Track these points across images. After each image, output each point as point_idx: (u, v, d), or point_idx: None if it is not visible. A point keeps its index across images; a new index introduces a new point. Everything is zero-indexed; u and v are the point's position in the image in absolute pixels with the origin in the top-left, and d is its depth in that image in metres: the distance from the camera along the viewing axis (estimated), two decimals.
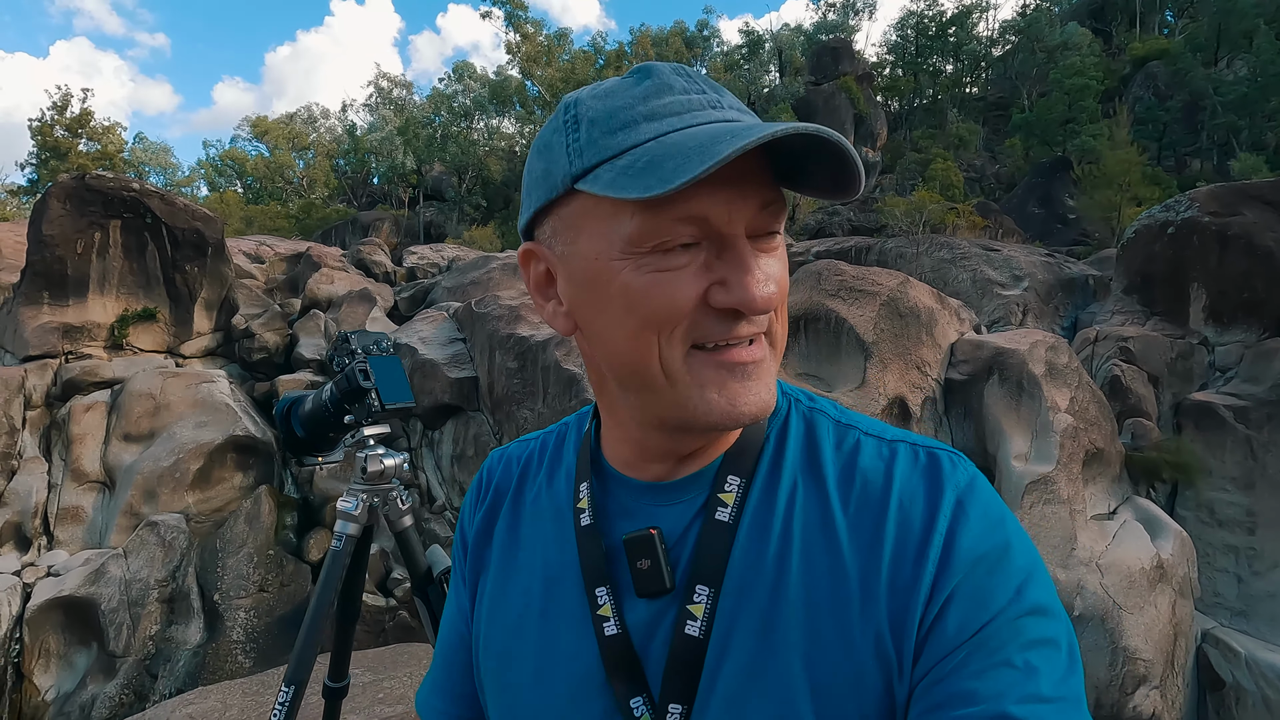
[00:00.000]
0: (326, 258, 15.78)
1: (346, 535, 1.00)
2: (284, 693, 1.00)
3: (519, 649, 0.63)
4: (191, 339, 12.38)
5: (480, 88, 35.04)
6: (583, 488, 0.63)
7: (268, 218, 28.61)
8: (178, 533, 9.17)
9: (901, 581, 0.52)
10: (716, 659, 0.54)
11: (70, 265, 11.30)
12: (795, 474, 0.58)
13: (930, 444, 0.59)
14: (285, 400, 1.08)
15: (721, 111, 0.51)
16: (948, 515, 0.53)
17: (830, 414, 0.62)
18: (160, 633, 8.60)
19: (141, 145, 38.16)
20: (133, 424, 10.16)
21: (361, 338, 1.01)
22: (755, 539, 0.56)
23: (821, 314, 8.39)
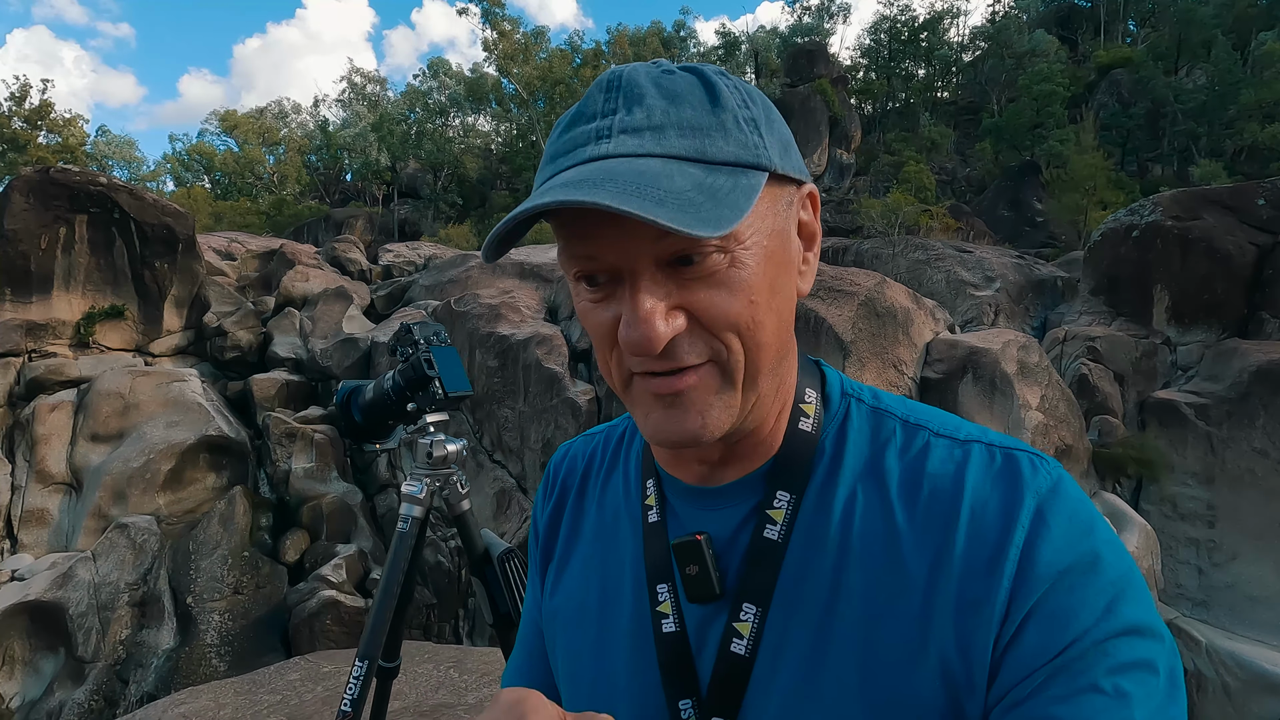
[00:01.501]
0: (300, 255, 15.53)
1: (412, 518, 1.02)
2: (358, 667, 1.02)
3: (580, 640, 0.64)
4: (161, 337, 12.11)
5: (456, 85, 34.73)
6: (649, 484, 0.62)
7: (237, 214, 28.02)
8: (149, 535, 8.97)
9: (972, 597, 0.48)
10: (766, 677, 0.53)
11: (34, 261, 10.98)
12: (854, 482, 0.55)
13: (1010, 444, 0.54)
14: (345, 389, 1.09)
15: (605, 144, 0.48)
16: (1025, 524, 0.49)
17: (897, 413, 0.57)
18: (131, 637, 8.41)
19: (105, 138, 37.10)
20: (101, 424, 9.91)
21: (423, 329, 1.03)
22: (808, 556, 0.54)
23: (800, 313, 8.51)
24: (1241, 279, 11.21)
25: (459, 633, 9.19)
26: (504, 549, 1.02)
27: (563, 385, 9.51)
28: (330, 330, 12.37)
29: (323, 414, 11.10)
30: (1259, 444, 9.47)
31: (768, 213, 0.51)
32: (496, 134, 36.81)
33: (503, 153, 34.75)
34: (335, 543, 9.61)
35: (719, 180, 0.47)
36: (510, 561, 1.01)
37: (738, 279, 0.49)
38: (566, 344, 10.20)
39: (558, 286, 11.87)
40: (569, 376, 9.69)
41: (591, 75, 29.74)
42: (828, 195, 25.25)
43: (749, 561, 0.55)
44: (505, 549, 1.03)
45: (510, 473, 9.85)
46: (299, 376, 11.89)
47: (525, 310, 11.07)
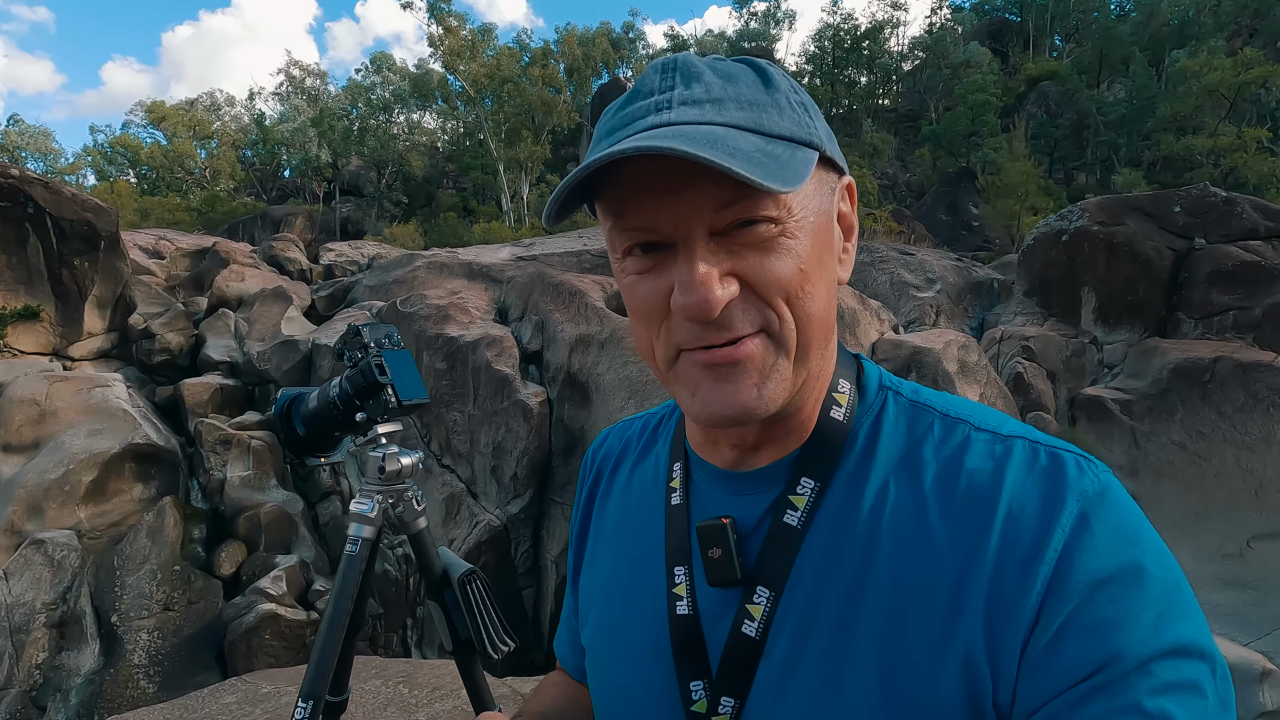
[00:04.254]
0: (235, 254, 14.87)
1: (362, 539, 0.94)
2: (301, 708, 0.94)
3: (605, 617, 0.65)
4: (81, 340, 11.39)
5: (400, 80, 33.92)
6: (676, 467, 0.63)
7: (166, 210, 26.68)
8: (68, 550, 8.41)
9: (1003, 597, 0.47)
10: (778, 660, 0.53)
11: None
12: (888, 473, 0.54)
13: (1056, 443, 0.53)
14: (285, 397, 1.01)
15: (666, 113, 0.49)
16: (1065, 527, 0.47)
17: (936, 407, 0.57)
18: (49, 660, 7.87)
19: (17, 128, 34.82)
20: (13, 433, 9.24)
21: (373, 331, 0.95)
22: (833, 544, 0.53)
23: None
24: (1161, 281, 11.88)
25: (407, 643, 8.94)
26: (465, 570, 0.96)
27: (513, 387, 9.36)
28: (268, 332, 11.87)
29: (260, 419, 10.64)
30: (1177, 437, 10.05)
31: (815, 193, 0.53)
32: (443, 132, 36.12)
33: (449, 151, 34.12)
34: (275, 553, 9.20)
35: (778, 149, 0.49)
36: (472, 584, 0.95)
37: (788, 247, 0.50)
38: (517, 345, 10.06)
39: (507, 287, 11.70)
40: (520, 378, 9.55)
41: (540, 74, 29.48)
42: None
43: (767, 546, 0.55)
44: (466, 570, 0.96)
45: (460, 477, 9.64)
46: (234, 380, 11.37)
47: (474, 311, 10.87)
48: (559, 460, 9.33)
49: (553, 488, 9.30)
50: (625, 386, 9.01)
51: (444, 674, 3.01)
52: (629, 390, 8.96)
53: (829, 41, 36.72)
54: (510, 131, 28.15)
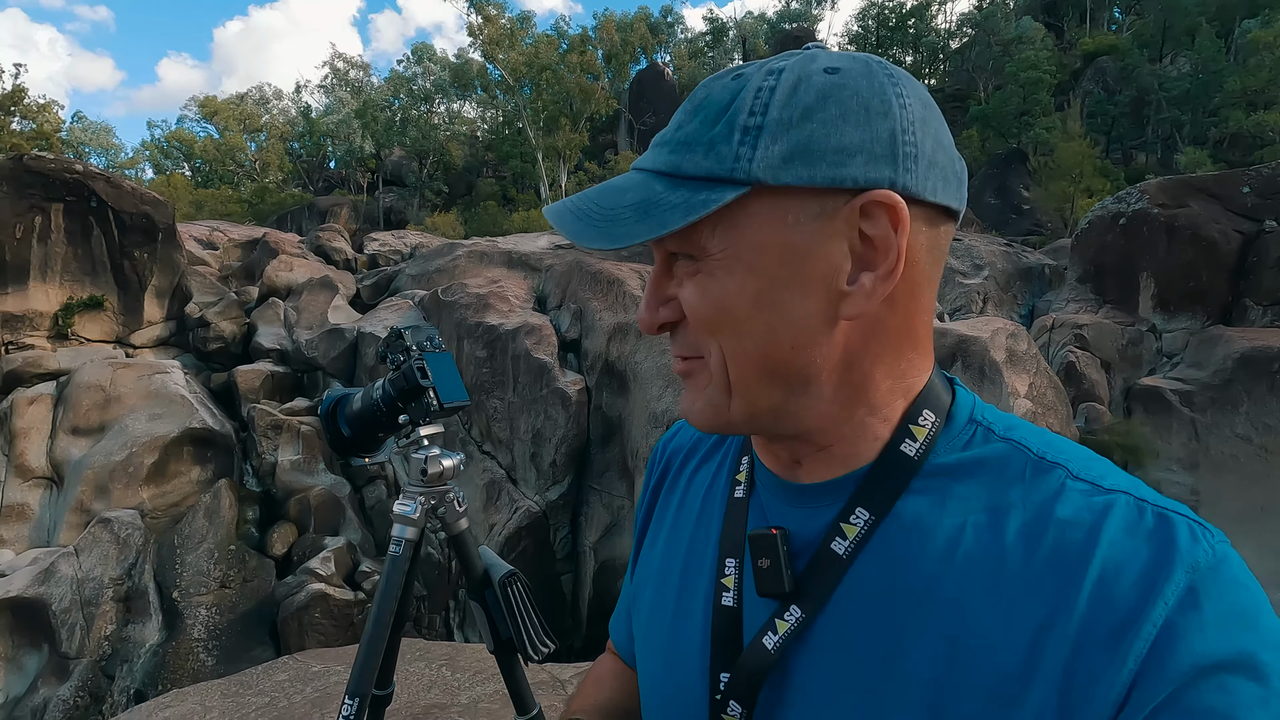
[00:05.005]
0: (284, 244, 15.30)
1: (405, 540, 0.96)
2: (348, 705, 0.97)
3: (655, 601, 0.66)
4: (142, 328, 11.90)
5: (441, 70, 34.27)
6: (744, 461, 0.63)
7: (218, 202, 27.59)
8: (132, 529, 8.84)
9: (1085, 669, 0.43)
10: (800, 681, 0.52)
11: (9, 251, 10.72)
12: (965, 515, 0.50)
13: (1167, 504, 0.47)
14: (330, 398, 1.03)
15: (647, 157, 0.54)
16: (1170, 600, 0.42)
17: (1031, 448, 0.52)
18: (116, 632, 8.31)
19: (80, 124, 36.34)
20: (81, 417, 9.73)
21: (415, 334, 0.97)
22: (885, 580, 0.51)
23: None
24: (1226, 266, 11.31)
25: (449, 625, 9.16)
26: (506, 571, 0.98)
27: (552, 375, 9.45)
28: (315, 320, 12.21)
29: (309, 405, 10.98)
30: (1241, 430, 9.59)
31: (756, 227, 0.49)
32: (482, 121, 36.42)
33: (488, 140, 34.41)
34: (323, 535, 9.52)
35: (672, 196, 0.49)
36: (512, 585, 0.96)
37: (704, 285, 0.51)
38: (555, 334, 10.13)
39: (545, 276, 11.78)
40: (558, 366, 9.62)
41: (578, 61, 29.45)
42: None
43: (810, 568, 0.54)
44: (507, 571, 0.98)
45: (500, 464, 9.79)
46: (284, 367, 11.74)
47: (514, 300, 10.98)
48: (597, 448, 9.40)
49: (590, 475, 9.38)
50: (663, 375, 9.00)
51: (486, 658, 3.07)
52: (666, 379, 8.95)
53: (873, 20, 35.74)
54: (549, 119, 28.22)
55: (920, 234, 0.51)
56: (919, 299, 0.53)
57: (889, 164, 0.48)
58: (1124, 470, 0.52)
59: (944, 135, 0.52)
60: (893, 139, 0.48)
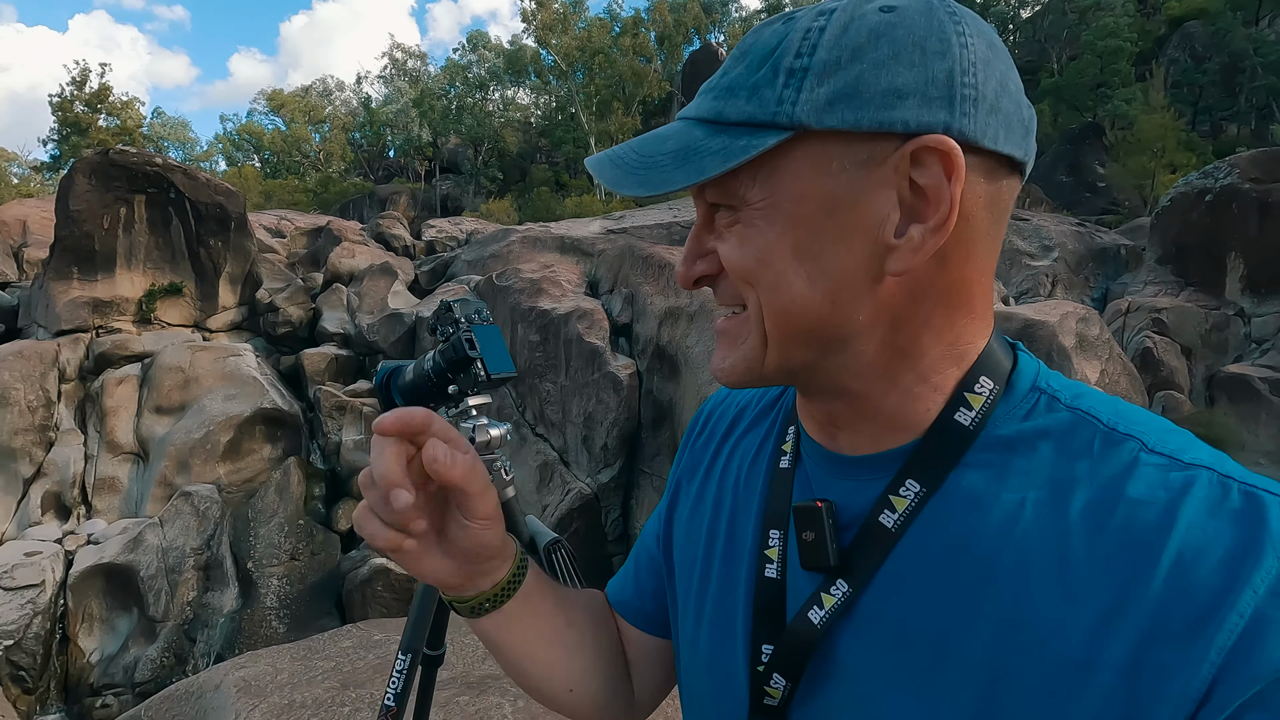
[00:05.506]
0: (347, 232, 15.83)
1: None
2: (401, 660, 1.02)
3: (698, 572, 0.65)
4: (217, 313, 12.53)
5: (495, 58, 34.62)
6: (790, 431, 0.61)
7: (286, 192, 28.70)
8: (211, 502, 9.38)
9: (1158, 661, 0.40)
10: (843, 656, 0.51)
11: (98, 240, 11.42)
12: (1024, 490, 0.47)
13: (1258, 481, 0.43)
14: (384, 370, 1.07)
15: (691, 106, 0.53)
16: (1259, 589, 0.38)
17: (1101, 418, 0.48)
18: (197, 599, 8.85)
19: (160, 119, 38.29)
20: (164, 396, 10.35)
21: (464, 306, 1.00)
22: (937, 556, 0.48)
23: None
24: None
25: None
26: (550, 539, 1.00)
27: (604, 359, 9.52)
28: (376, 306, 12.61)
29: (371, 387, 11.38)
30: None
31: (798, 174, 0.47)
32: (536, 107, 36.67)
33: (542, 126, 34.65)
34: None
35: (712, 142, 0.48)
36: (556, 553, 0.98)
37: (744, 235, 0.49)
38: (607, 318, 10.18)
39: (598, 260, 11.83)
40: (610, 351, 9.68)
41: (631, 44, 29.29)
42: None
43: (857, 541, 0.52)
44: (551, 539, 1.00)
45: (552, 446, 9.95)
46: (347, 351, 12.18)
47: (566, 284, 11.08)
48: (648, 432, 9.44)
49: (642, 458, 9.44)
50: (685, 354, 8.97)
51: None
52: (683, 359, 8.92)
53: None
54: (601, 104, 28.20)
55: (978, 185, 0.47)
56: (975, 258, 0.49)
57: (945, 107, 0.44)
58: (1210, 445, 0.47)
59: (1011, 79, 0.48)
60: (950, 80, 0.44)
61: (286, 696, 2.59)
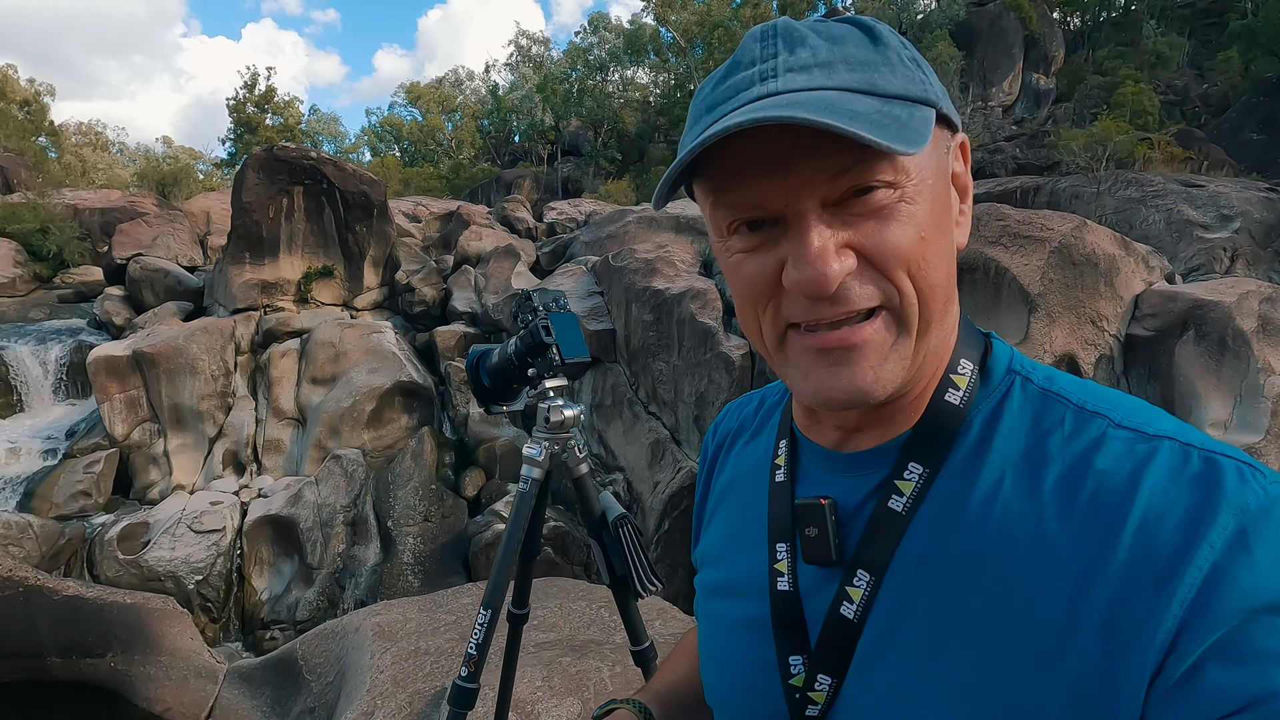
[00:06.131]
0: (475, 216, 16.71)
1: (532, 479, 1.09)
2: (483, 614, 1.13)
3: (713, 587, 0.67)
4: (362, 293, 13.69)
5: (615, 38, 34.89)
6: (781, 445, 0.63)
7: (422, 179, 30.64)
8: (357, 465, 10.36)
9: (1128, 617, 0.42)
10: (876, 645, 0.52)
11: (265, 228, 12.80)
12: (1003, 467, 0.49)
13: (1217, 447, 0.45)
14: (474, 353, 1.17)
15: (772, 82, 0.47)
16: (1216, 545, 0.41)
17: (1071, 397, 0.50)
18: (346, 551, 9.85)
19: (315, 116, 41.96)
20: (318, 369, 11.50)
21: (542, 295, 1.07)
22: (937, 535, 0.50)
23: (979, 263, 7.73)
24: None
25: None
26: (618, 515, 1.05)
27: (716, 340, 9.49)
28: (501, 286, 13.26)
29: None
30: None
31: (931, 153, 0.50)
32: (654, 86, 36.67)
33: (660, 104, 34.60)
34: (507, 481, 10.50)
35: (895, 109, 0.46)
36: (624, 527, 1.03)
37: (908, 214, 0.48)
38: (720, 298, 10.12)
39: None
40: (723, 331, 9.63)
41: (751, 15, 28.48)
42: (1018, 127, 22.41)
43: (870, 530, 0.53)
44: (619, 514, 1.05)
45: (664, 424, 10.09)
46: (475, 329, 12.94)
47: (680, 264, 11.11)
48: None
49: None
50: None
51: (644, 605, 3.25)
52: None
53: None
54: None
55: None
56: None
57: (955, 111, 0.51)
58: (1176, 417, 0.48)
59: None
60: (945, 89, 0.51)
61: (413, 644, 2.86)
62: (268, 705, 3.31)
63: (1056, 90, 25.39)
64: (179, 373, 10.86)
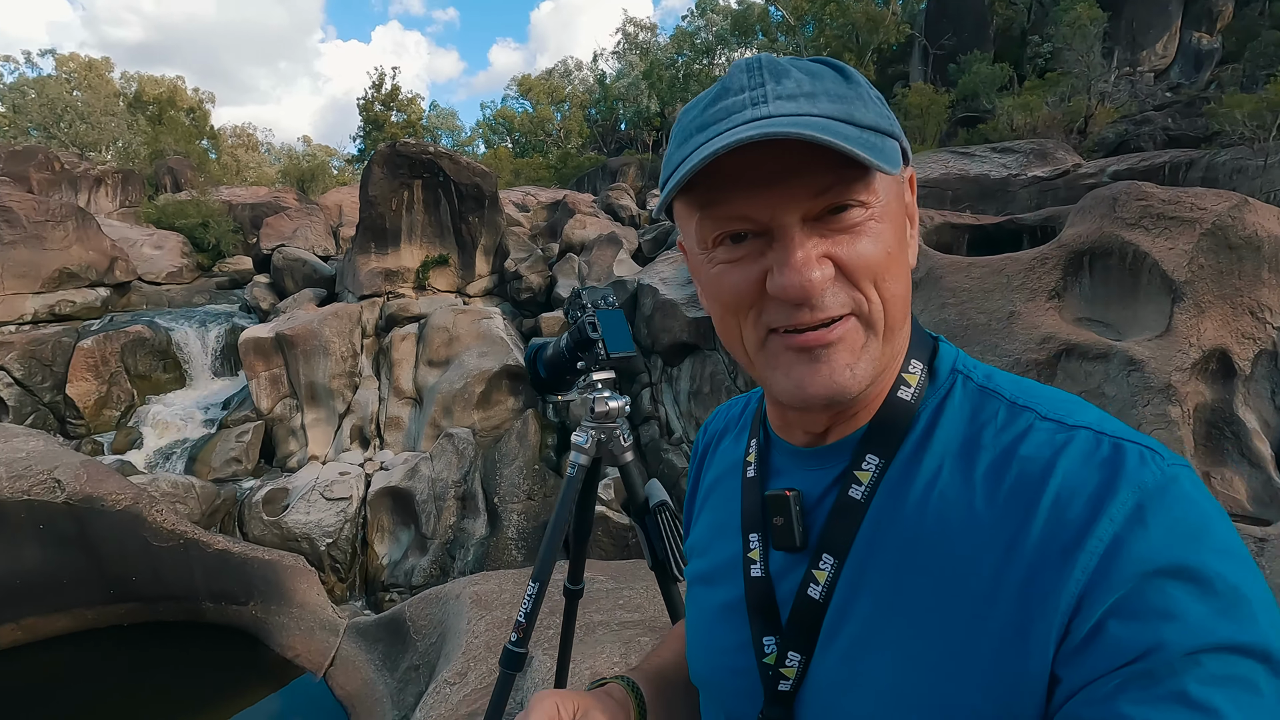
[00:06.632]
0: (580, 204, 17.09)
1: (579, 465, 1.16)
2: (532, 587, 1.22)
3: (698, 575, 0.73)
4: (474, 280, 14.40)
5: (722, 20, 34.35)
6: (752, 444, 0.69)
7: (531, 169, 31.65)
8: (467, 444, 10.98)
9: (1040, 586, 0.47)
10: (835, 623, 0.57)
11: (388, 220, 13.71)
12: (942, 457, 0.55)
13: (1128, 435, 0.50)
14: (533, 346, 1.26)
15: (763, 107, 0.51)
16: (1117, 519, 0.46)
17: (1005, 394, 0.56)
18: (456, 523, 10.49)
19: (435, 112, 44.25)
20: (434, 352, 12.24)
21: (591, 293, 1.13)
22: (887, 521, 0.55)
23: (1114, 247, 7.07)
24: None
25: None
26: (659, 501, 1.09)
27: None
28: (603, 274, 13.53)
29: None
30: None
31: (893, 180, 0.56)
32: None
33: None
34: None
35: (871, 138, 0.52)
36: (662, 513, 1.07)
37: (877, 231, 0.54)
38: None
39: None
40: None
41: None
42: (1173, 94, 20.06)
43: (832, 517, 0.58)
44: (659, 501, 1.09)
45: None
46: None
47: None
48: None
49: None
50: (944, 328, 8.23)
51: None
52: (947, 333, 8.17)
53: None
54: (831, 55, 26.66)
55: None
56: None
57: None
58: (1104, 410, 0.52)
59: None
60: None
61: (506, 613, 3.03)
62: (380, 659, 3.62)
63: (1222, 50, 22.44)
64: (314, 354, 11.92)
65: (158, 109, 33.40)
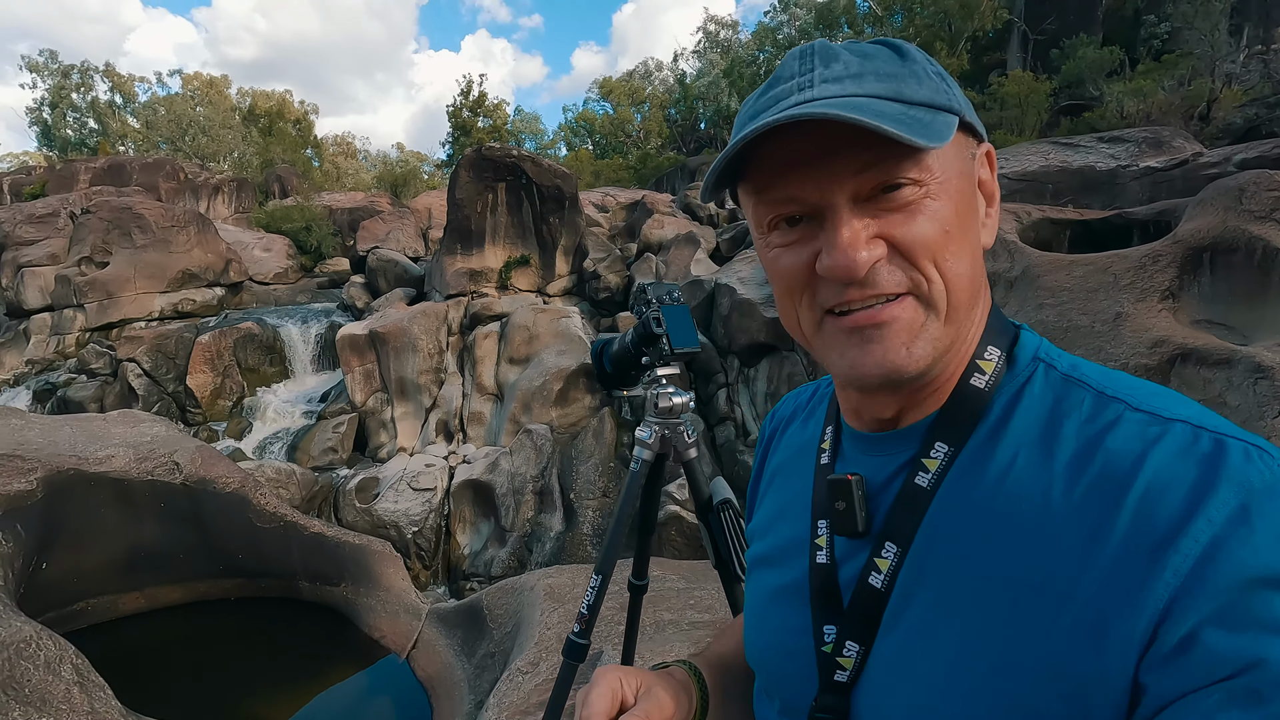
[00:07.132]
0: (658, 204, 17.15)
1: (642, 460, 1.16)
2: (594, 579, 1.23)
3: (762, 559, 0.73)
4: (554, 280, 14.70)
5: (806, 14, 33.64)
6: (827, 431, 0.69)
7: (611, 170, 32.02)
8: (545, 440, 11.22)
9: (1123, 584, 0.44)
10: (896, 613, 0.55)
11: (473, 222, 14.21)
12: (1018, 446, 0.52)
13: (1233, 431, 0.46)
14: (599, 342, 1.27)
15: (808, 91, 0.52)
16: (1216, 518, 0.42)
17: (1092, 384, 0.53)
18: (534, 517, 10.75)
19: (519, 116, 45.49)
20: (515, 350, 12.59)
21: (656, 289, 1.13)
22: (956, 509, 0.53)
23: (1240, 243, 6.45)
24: None
25: None
26: (722, 499, 1.07)
27: None
28: (680, 273, 13.51)
29: None
30: None
31: (955, 156, 0.55)
32: None
33: None
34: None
35: (919, 113, 0.52)
36: (725, 511, 1.05)
37: (932, 209, 0.52)
38: None
39: None
40: None
41: None
42: None
43: (897, 504, 0.57)
44: (723, 499, 1.07)
45: None
46: None
47: None
48: None
49: None
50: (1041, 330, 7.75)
51: None
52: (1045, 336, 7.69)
53: None
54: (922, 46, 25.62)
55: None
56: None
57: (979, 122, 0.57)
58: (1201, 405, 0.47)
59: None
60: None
61: (577, 607, 3.08)
62: (459, 645, 3.76)
63: None
64: (403, 350, 12.50)
65: (268, 121, 35.96)
